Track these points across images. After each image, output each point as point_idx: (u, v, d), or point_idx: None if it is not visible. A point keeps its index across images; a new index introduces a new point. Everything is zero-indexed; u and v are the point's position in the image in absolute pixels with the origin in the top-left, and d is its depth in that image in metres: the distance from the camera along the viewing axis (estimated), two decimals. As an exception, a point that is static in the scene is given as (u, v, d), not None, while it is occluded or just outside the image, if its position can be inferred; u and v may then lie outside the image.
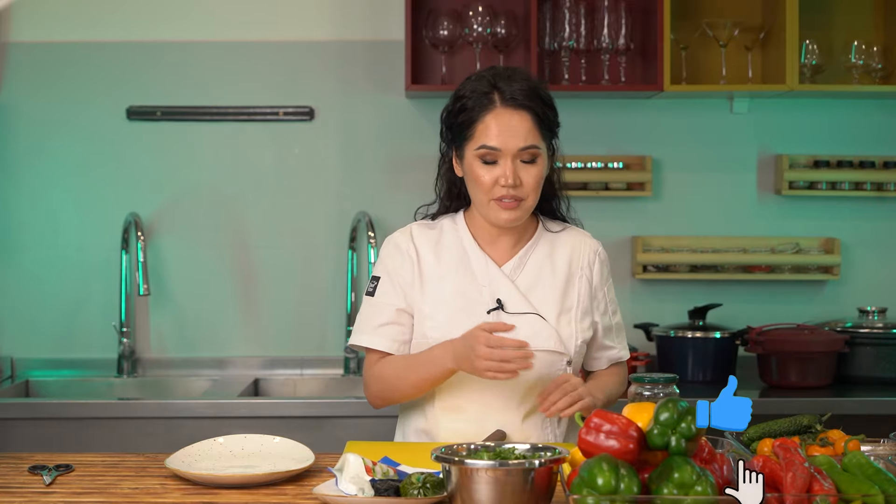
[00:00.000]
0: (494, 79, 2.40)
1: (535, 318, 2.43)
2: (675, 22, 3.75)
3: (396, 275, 2.47)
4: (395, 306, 2.46)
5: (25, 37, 3.84)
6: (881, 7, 3.89)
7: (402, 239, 2.50)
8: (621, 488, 1.74)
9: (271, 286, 3.89)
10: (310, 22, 3.88)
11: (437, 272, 2.46)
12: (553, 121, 2.43)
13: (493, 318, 2.41)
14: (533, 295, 2.45)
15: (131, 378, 3.78)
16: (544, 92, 2.42)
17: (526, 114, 2.37)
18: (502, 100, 2.38)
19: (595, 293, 2.51)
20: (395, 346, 2.46)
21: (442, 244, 2.49)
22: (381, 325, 2.47)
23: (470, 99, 2.40)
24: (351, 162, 3.89)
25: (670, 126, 3.92)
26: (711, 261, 3.85)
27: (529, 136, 2.37)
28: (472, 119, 2.39)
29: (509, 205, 2.38)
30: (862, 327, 3.64)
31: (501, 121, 2.36)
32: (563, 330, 2.44)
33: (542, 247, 2.50)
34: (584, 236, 2.55)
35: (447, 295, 2.44)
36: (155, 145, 3.87)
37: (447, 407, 2.44)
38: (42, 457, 2.33)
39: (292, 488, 2.09)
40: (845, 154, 3.90)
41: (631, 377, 2.31)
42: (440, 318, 2.43)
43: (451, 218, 2.53)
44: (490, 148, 2.37)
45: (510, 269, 2.47)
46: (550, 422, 2.45)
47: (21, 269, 3.85)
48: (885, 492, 1.83)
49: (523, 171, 2.37)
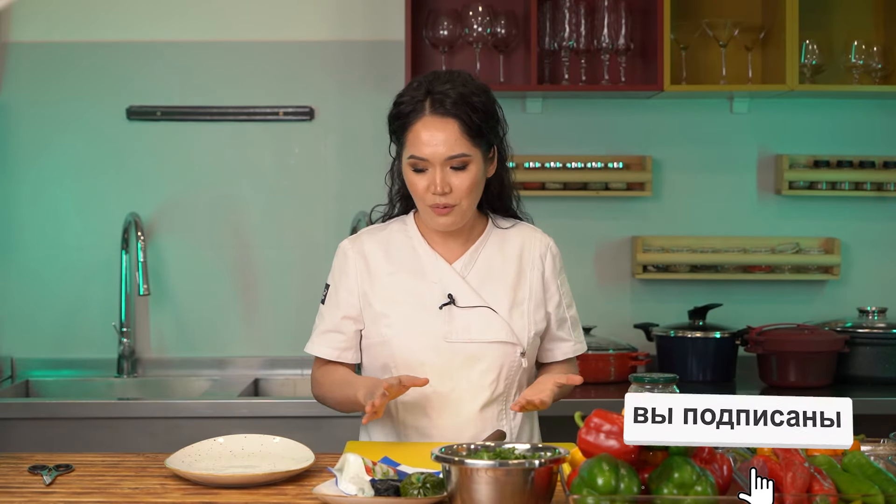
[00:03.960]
0: (431, 85, 2.43)
1: (487, 310, 2.47)
2: (675, 22, 3.75)
3: (341, 282, 2.54)
4: (338, 315, 2.52)
5: (25, 37, 3.84)
6: (881, 7, 3.89)
7: (348, 246, 2.56)
8: (621, 488, 1.74)
9: (271, 286, 3.89)
10: (310, 22, 3.88)
11: (388, 272, 2.51)
12: (483, 126, 2.43)
13: (445, 312, 2.46)
14: (484, 289, 2.49)
15: (131, 378, 3.78)
16: (478, 97, 2.42)
17: (453, 122, 2.39)
18: (431, 108, 2.40)
19: (548, 285, 2.54)
20: (334, 353, 2.53)
21: (392, 245, 2.53)
22: (323, 332, 2.55)
23: (405, 105, 2.44)
24: (351, 162, 3.89)
25: (670, 126, 3.92)
26: (711, 261, 3.85)
27: (456, 145, 2.39)
28: (404, 126, 2.43)
29: (442, 211, 2.42)
30: (862, 327, 3.64)
31: (429, 129, 2.40)
32: (515, 322, 2.48)
33: (493, 243, 2.54)
34: (534, 231, 2.58)
35: (399, 294, 2.49)
36: (155, 145, 3.87)
37: (406, 401, 2.47)
38: (42, 457, 2.33)
39: (292, 488, 2.09)
40: (845, 154, 3.90)
41: (631, 377, 2.32)
42: (394, 316, 2.48)
43: (401, 220, 2.57)
44: (418, 158, 2.41)
45: (461, 266, 2.51)
46: (507, 415, 2.49)
47: (21, 268, 3.85)
48: (885, 492, 1.83)
49: (454, 178, 2.41)
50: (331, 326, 2.53)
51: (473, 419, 2.46)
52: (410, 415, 2.47)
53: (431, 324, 2.45)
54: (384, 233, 2.56)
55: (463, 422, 2.45)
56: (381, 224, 2.60)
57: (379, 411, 2.23)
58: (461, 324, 2.45)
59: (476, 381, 2.46)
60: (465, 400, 2.46)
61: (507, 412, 2.49)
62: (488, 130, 2.44)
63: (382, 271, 2.51)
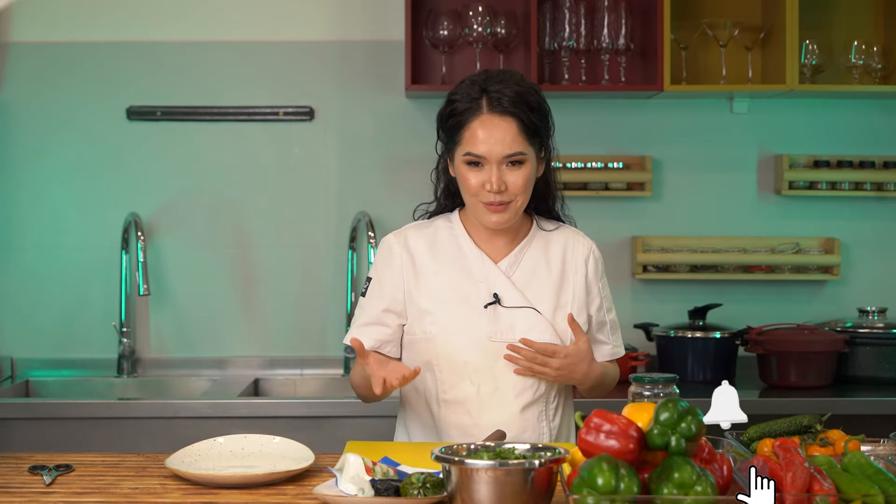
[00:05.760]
0: (486, 83, 2.44)
1: (531, 311, 2.47)
2: (675, 22, 3.75)
3: (384, 276, 2.53)
4: (379, 307, 2.52)
5: (25, 37, 3.84)
6: (881, 7, 3.89)
7: (393, 240, 2.55)
8: (621, 488, 1.74)
9: (271, 286, 3.89)
10: (310, 22, 3.88)
11: (433, 269, 2.51)
12: (540, 126, 2.45)
13: (490, 312, 2.46)
14: (528, 290, 2.49)
15: (131, 378, 3.78)
16: (533, 97, 2.44)
17: (511, 120, 2.41)
18: (489, 106, 2.41)
19: (590, 288, 2.55)
20: (376, 345, 2.51)
21: (437, 242, 2.53)
22: (364, 324, 2.53)
23: (460, 103, 2.44)
24: (351, 162, 3.89)
25: (670, 126, 3.92)
26: (711, 261, 3.85)
27: (514, 144, 2.40)
28: (460, 124, 2.43)
29: (497, 208, 2.43)
30: (862, 327, 3.64)
31: (487, 128, 2.40)
32: (558, 324, 2.49)
33: (537, 245, 2.54)
34: (577, 235, 2.59)
35: (444, 291, 2.49)
36: (155, 145, 3.87)
37: (448, 399, 2.48)
38: (42, 457, 2.33)
39: (292, 488, 2.09)
40: (845, 154, 3.90)
41: (631, 377, 2.31)
42: (438, 313, 2.48)
43: (446, 217, 2.57)
44: (475, 155, 2.41)
45: (506, 266, 2.51)
46: (546, 416, 2.50)
47: (21, 268, 3.85)
48: (885, 492, 1.84)
49: (509, 175, 2.41)
50: (372, 319, 2.52)
51: (515, 419, 2.47)
52: (452, 413, 2.48)
53: (476, 322, 2.46)
54: (430, 229, 2.56)
55: (504, 421, 2.45)
56: (426, 220, 2.60)
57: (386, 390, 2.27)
58: (506, 323, 2.46)
59: (519, 381, 2.47)
60: (507, 400, 2.47)
61: (548, 413, 2.50)
62: (543, 129, 2.46)
63: (428, 268, 2.51)
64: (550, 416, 2.51)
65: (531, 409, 2.48)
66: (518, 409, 2.47)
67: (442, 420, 2.49)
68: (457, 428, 2.47)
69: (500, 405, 2.46)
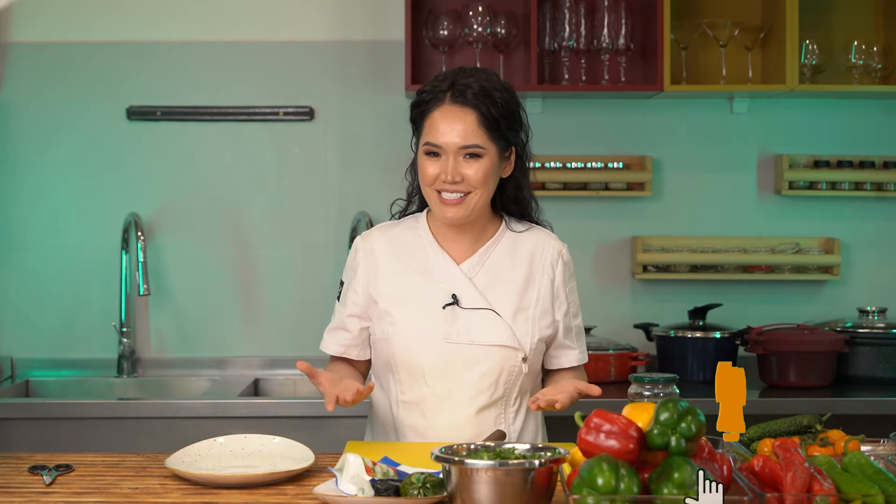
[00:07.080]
0: (455, 77, 2.45)
1: (490, 313, 2.46)
2: (675, 22, 3.75)
3: (349, 280, 2.55)
4: (344, 312, 2.54)
5: (25, 37, 3.84)
6: (881, 7, 3.89)
7: (359, 243, 2.58)
8: (621, 488, 1.74)
9: (271, 286, 3.89)
10: (310, 22, 3.88)
11: (395, 269, 2.51)
12: (502, 122, 2.43)
13: (448, 313, 2.46)
14: (490, 292, 2.48)
15: (131, 378, 3.78)
16: (500, 94, 2.43)
17: (472, 112, 2.41)
18: (452, 97, 2.42)
19: (557, 293, 2.53)
20: (340, 350, 2.55)
21: (401, 242, 2.54)
22: (331, 329, 2.58)
23: (427, 94, 2.46)
24: (351, 162, 3.89)
25: (670, 126, 3.92)
26: (711, 261, 3.85)
27: (472, 136, 2.40)
28: (423, 114, 2.46)
29: (452, 202, 2.42)
30: (862, 327, 3.64)
31: (446, 118, 2.41)
32: (518, 327, 2.47)
33: (504, 246, 2.53)
34: (548, 237, 2.57)
35: (404, 292, 2.49)
36: (155, 145, 3.87)
37: (406, 400, 2.48)
38: (42, 457, 2.33)
39: (292, 488, 2.09)
40: (845, 154, 3.90)
41: (631, 377, 2.31)
42: (397, 314, 2.48)
43: (414, 217, 2.58)
44: (433, 145, 2.42)
45: (468, 267, 2.50)
46: (505, 418, 2.48)
47: (21, 268, 3.85)
48: (885, 492, 1.84)
49: (466, 167, 2.41)
50: (338, 324, 2.56)
51: (470, 421, 2.45)
52: (409, 414, 2.47)
53: (433, 323, 2.45)
54: (396, 229, 2.56)
55: (459, 423, 2.45)
56: (395, 220, 2.61)
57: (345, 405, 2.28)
58: (463, 325, 2.45)
59: (475, 383, 2.45)
60: (463, 402, 2.45)
61: (506, 416, 2.48)
62: (506, 127, 2.44)
63: (389, 269, 2.51)
64: (510, 419, 2.49)
65: (488, 412, 2.46)
66: (473, 412, 2.45)
67: (399, 421, 2.48)
68: (412, 429, 2.47)
69: (455, 407, 2.45)
